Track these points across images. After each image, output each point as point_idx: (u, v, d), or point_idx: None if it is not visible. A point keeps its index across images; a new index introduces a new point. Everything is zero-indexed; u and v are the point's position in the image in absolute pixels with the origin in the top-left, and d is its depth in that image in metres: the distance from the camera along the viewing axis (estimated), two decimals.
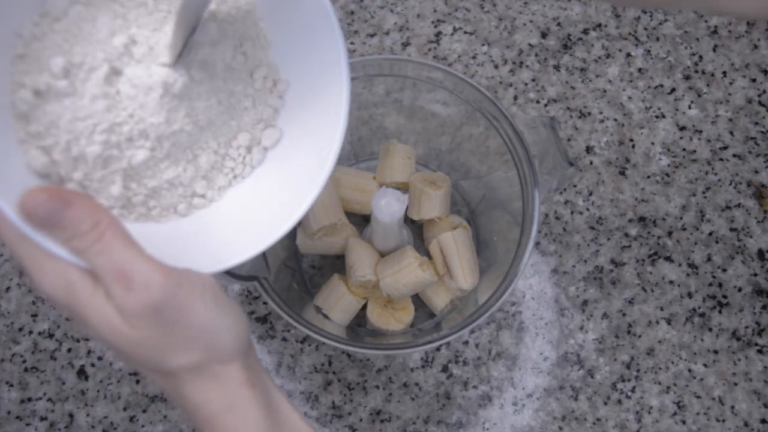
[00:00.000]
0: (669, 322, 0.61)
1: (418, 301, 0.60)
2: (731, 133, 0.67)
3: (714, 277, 0.63)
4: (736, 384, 0.60)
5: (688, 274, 0.63)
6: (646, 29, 0.71)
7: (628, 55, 0.70)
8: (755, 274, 0.63)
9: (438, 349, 0.61)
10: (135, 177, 0.31)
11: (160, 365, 0.29)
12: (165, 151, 0.32)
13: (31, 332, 0.61)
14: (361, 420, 0.58)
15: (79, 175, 0.30)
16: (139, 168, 0.31)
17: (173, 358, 0.29)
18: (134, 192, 0.32)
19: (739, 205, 0.65)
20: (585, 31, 0.71)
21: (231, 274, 0.41)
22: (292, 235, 0.60)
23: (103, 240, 0.27)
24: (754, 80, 0.69)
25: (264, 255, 0.51)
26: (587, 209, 0.65)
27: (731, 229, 0.64)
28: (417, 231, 0.62)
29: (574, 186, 0.65)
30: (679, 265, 0.63)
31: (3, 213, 0.26)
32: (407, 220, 0.60)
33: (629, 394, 0.59)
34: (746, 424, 0.59)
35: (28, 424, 0.58)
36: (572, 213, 0.65)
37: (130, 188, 0.31)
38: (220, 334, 0.30)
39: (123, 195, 0.31)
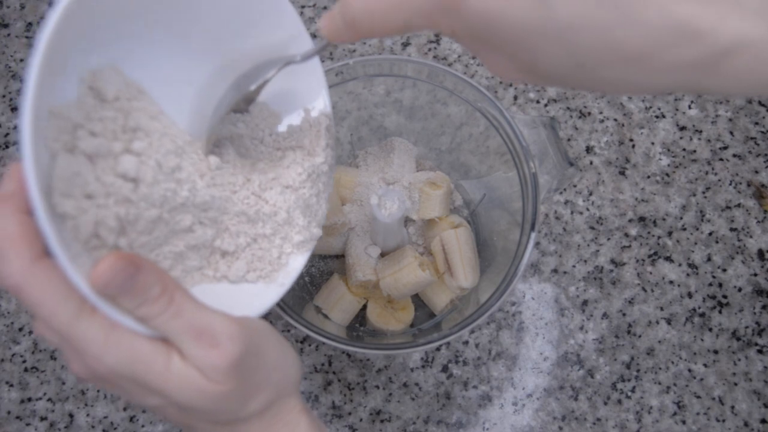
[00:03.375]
0: (669, 322, 0.61)
1: (418, 301, 0.59)
2: (731, 133, 0.67)
3: (714, 277, 0.63)
4: (736, 384, 0.60)
5: (688, 274, 0.63)
6: None
7: None
8: (755, 274, 0.63)
9: (438, 349, 0.61)
10: (169, 242, 0.31)
11: (239, 413, 0.29)
12: (204, 217, 0.33)
13: (31, 332, 0.61)
14: (361, 420, 0.58)
15: (124, 242, 0.29)
16: (178, 233, 0.31)
17: (252, 403, 0.29)
18: (164, 256, 0.31)
19: (739, 205, 0.65)
20: None
21: None
22: None
23: (174, 302, 0.26)
24: None
25: None
26: (587, 209, 0.65)
27: (731, 229, 0.64)
28: (417, 231, 0.62)
29: (574, 186, 0.65)
30: (679, 265, 0.63)
31: (75, 288, 0.24)
32: (407, 220, 0.60)
33: (629, 394, 0.59)
34: (746, 424, 0.59)
35: (28, 424, 0.58)
36: (572, 213, 0.65)
37: (161, 253, 0.31)
38: (287, 371, 0.31)
39: (154, 261, 0.31)
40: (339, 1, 0.27)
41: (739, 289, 0.63)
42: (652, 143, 0.67)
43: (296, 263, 0.37)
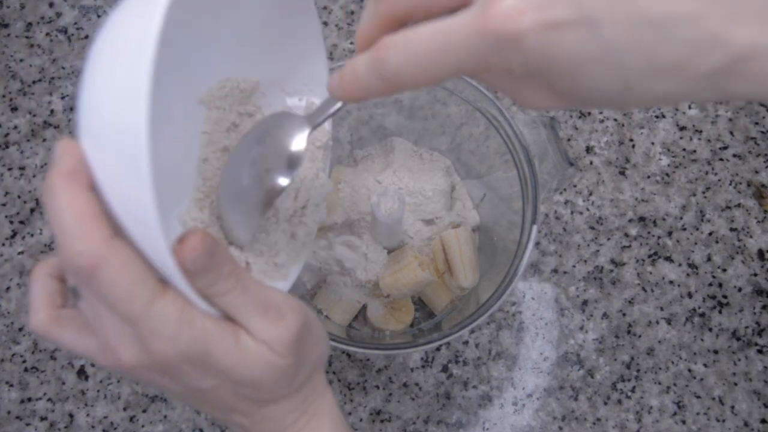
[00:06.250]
0: (669, 322, 0.61)
1: (418, 301, 0.59)
2: (731, 133, 0.67)
3: (714, 277, 0.63)
4: (736, 384, 0.60)
5: (688, 274, 0.63)
6: None
7: None
8: (755, 274, 0.63)
9: (438, 349, 0.61)
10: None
11: (290, 388, 0.30)
12: None
13: (31, 332, 0.61)
14: (361, 420, 0.58)
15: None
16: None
17: (299, 376, 0.30)
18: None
19: (739, 205, 0.65)
20: None
21: None
22: None
23: (241, 279, 0.26)
24: None
25: None
26: (587, 209, 0.65)
27: (731, 229, 0.64)
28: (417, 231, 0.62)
29: (574, 186, 0.65)
30: (679, 265, 0.63)
31: (162, 261, 0.24)
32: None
33: (629, 394, 0.59)
34: (746, 424, 0.59)
35: (28, 424, 0.58)
36: (572, 213, 0.65)
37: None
38: (323, 344, 0.32)
39: None
40: (363, 56, 0.25)
41: (739, 289, 0.63)
42: (652, 143, 0.67)
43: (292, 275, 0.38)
